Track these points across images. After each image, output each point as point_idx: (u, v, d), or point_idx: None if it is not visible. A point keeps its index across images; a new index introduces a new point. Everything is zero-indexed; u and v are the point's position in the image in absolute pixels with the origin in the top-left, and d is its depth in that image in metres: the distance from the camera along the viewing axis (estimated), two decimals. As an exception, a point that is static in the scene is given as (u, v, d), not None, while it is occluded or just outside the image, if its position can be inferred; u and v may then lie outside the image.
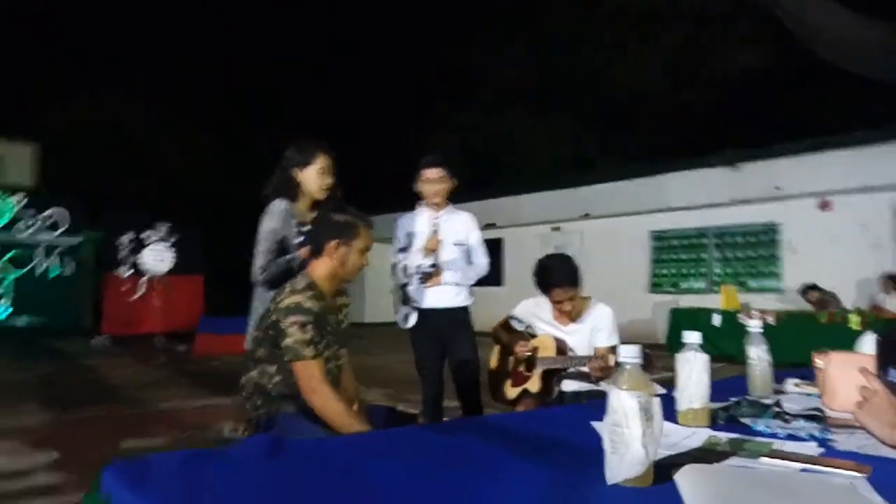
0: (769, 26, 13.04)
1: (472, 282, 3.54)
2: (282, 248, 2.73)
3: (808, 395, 1.83)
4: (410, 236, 3.45)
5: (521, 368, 3.21)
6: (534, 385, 3.11)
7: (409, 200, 3.68)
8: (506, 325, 3.41)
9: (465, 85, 19.17)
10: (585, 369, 3.05)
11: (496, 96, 18.54)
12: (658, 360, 2.67)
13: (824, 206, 10.41)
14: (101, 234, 12.30)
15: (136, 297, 11.69)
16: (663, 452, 1.18)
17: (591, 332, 3.20)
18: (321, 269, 2.22)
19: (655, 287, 12.52)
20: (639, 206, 12.56)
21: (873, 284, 9.34)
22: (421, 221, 3.46)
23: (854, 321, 7.74)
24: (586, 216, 13.39)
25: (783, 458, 1.13)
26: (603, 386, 3.20)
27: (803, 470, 1.07)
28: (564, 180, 14.32)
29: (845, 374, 1.48)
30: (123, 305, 11.57)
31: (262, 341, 2.15)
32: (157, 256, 12.00)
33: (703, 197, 11.75)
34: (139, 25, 20.62)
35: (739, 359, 1.90)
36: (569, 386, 3.21)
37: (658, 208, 12.33)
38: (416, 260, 3.38)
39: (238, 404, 2.26)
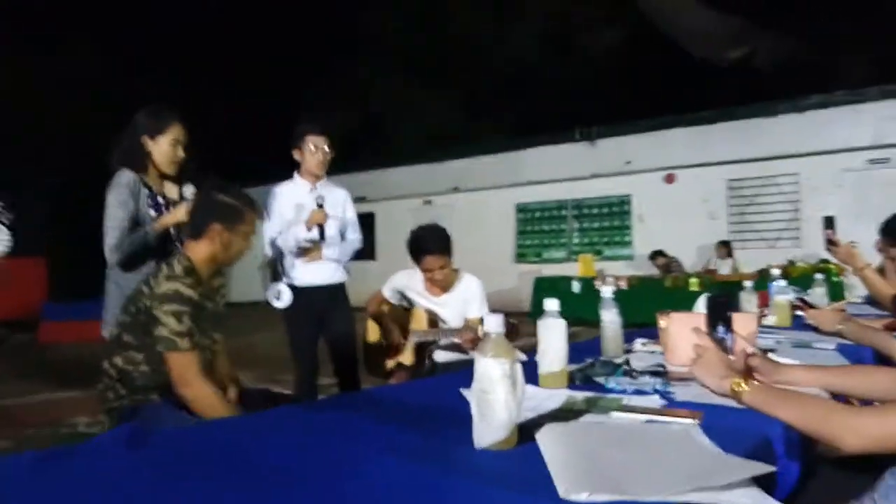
0: (628, 9, 13.85)
1: (348, 258, 3.51)
2: (133, 222, 2.56)
3: (653, 352, 2.02)
4: (293, 208, 3.33)
5: (395, 342, 3.26)
6: (407, 358, 3.18)
7: (280, 172, 3.54)
8: (381, 299, 3.44)
9: (339, 51, 18.70)
10: (457, 340, 3.16)
11: (366, 68, 18.26)
12: (523, 326, 2.81)
13: (669, 179, 11.32)
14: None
15: (-35, 283, 10.49)
16: (527, 415, 1.26)
17: (462, 304, 3.30)
18: (201, 252, 2.11)
19: (520, 257, 13.09)
20: (504, 179, 13.02)
21: (710, 250, 10.35)
22: (302, 193, 3.35)
23: (693, 284, 8.54)
24: (456, 190, 13.68)
25: (631, 412, 1.25)
26: (474, 355, 3.34)
27: (648, 421, 1.19)
28: (434, 154, 14.51)
29: (684, 333, 1.65)
30: (-50, 292, 10.34)
31: (131, 327, 2.03)
32: (-10, 237, 10.80)
33: (562, 171, 12.39)
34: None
35: (597, 322, 2.05)
36: (441, 357, 3.30)
37: (522, 181, 12.84)
38: (298, 233, 3.28)
39: (98, 394, 2.12)
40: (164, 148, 2.64)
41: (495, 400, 1.01)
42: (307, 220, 3.25)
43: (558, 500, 0.80)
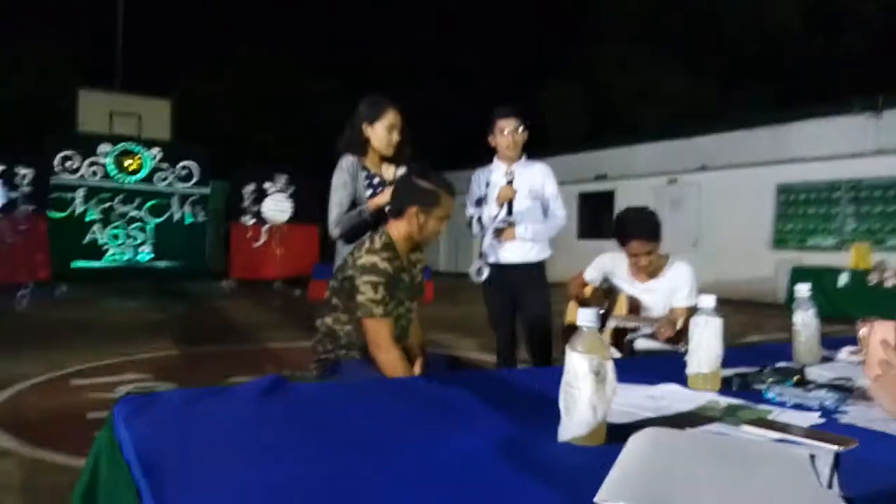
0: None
1: (550, 235, 3.49)
2: (353, 201, 2.86)
3: (860, 363, 1.72)
4: (486, 188, 3.46)
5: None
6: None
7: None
8: (582, 281, 3.40)
9: (580, 31, 18.51)
10: (653, 330, 3.00)
11: (612, 42, 17.72)
12: (775, 319, 2.49)
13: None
14: (229, 185, 13.24)
15: (258, 244, 12.56)
16: (645, 414, 1.18)
17: (669, 292, 3.12)
18: (399, 230, 2.30)
19: (779, 243, 11.72)
20: (763, 156, 11.74)
21: None
22: (496, 173, 3.46)
23: None
24: (704, 168, 12.69)
25: (765, 427, 1.10)
26: (682, 349, 3.15)
27: (778, 440, 1.04)
28: (681, 130, 13.58)
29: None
30: (247, 252, 12.47)
31: (339, 291, 2.29)
32: (277, 206, 12.77)
33: (836, 147, 10.79)
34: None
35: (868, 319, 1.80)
36: (642, 344, 3.17)
37: (785, 159, 11.46)
38: (491, 211, 3.39)
39: (311, 346, 2.44)
40: (380, 133, 2.90)
41: (580, 396, 0.97)
42: (497, 196, 3.32)
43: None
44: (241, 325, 7.79)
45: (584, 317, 1.02)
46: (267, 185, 12.74)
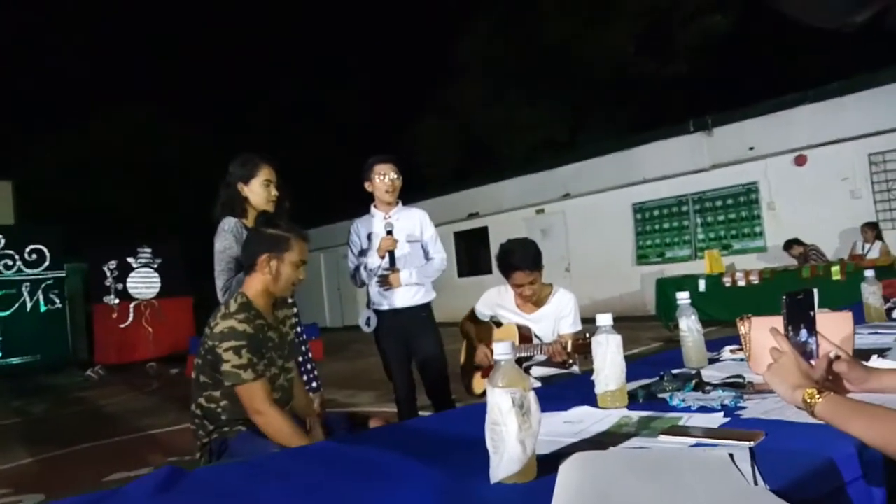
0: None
1: (433, 278, 3.52)
2: (238, 264, 2.72)
3: (742, 360, 1.84)
4: (367, 238, 3.44)
5: (481, 360, 3.22)
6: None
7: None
8: (472, 318, 3.42)
9: (437, 73, 19.16)
10: (548, 356, 3.06)
11: (472, 79, 18.43)
12: (649, 331, 2.61)
13: (800, 160, 10.44)
14: (86, 265, 12.24)
15: (125, 324, 11.66)
16: (566, 441, 1.19)
17: (555, 320, 3.20)
18: (254, 285, 2.18)
19: (641, 259, 12.54)
20: (618, 180, 12.60)
21: (855, 234, 9.39)
22: (375, 223, 3.45)
23: (836, 272, 7.77)
24: (567, 196, 13.40)
25: (682, 434, 1.14)
26: (574, 369, 3.23)
27: (696, 444, 1.08)
28: (543, 162, 14.33)
29: (767, 338, 1.49)
30: (114, 334, 11.53)
31: (203, 368, 2.13)
32: (144, 281, 11.96)
33: (680, 164, 11.81)
34: (106, 52, 20.56)
35: (728, 321, 1.90)
36: (538, 372, 3.22)
37: (637, 180, 12.37)
38: (374, 262, 3.37)
39: (192, 433, 2.25)
40: (257, 190, 2.81)
41: (507, 432, 0.95)
42: (378, 248, 3.32)
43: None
44: (114, 416, 7.13)
45: (500, 350, 1.01)
46: (130, 259, 11.91)
